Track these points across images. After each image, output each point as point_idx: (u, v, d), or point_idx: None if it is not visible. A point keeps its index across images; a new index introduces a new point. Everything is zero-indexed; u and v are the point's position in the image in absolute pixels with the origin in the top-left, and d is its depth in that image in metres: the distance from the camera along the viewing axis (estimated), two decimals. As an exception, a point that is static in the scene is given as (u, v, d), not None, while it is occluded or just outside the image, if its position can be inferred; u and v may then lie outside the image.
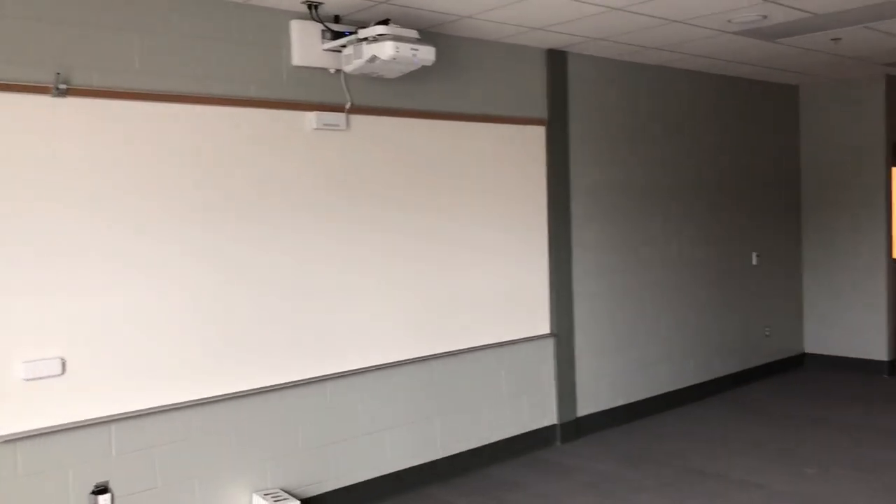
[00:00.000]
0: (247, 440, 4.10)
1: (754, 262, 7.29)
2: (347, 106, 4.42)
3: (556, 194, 5.55)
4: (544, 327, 5.52)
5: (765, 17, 4.82)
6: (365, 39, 4.01)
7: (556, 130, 5.56)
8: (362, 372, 4.54)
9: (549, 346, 5.56)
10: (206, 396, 3.93)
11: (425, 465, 4.87)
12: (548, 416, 5.57)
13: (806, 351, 7.85)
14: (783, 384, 7.17)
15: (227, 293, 3.99)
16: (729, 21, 4.92)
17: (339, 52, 4.25)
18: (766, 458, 5.17)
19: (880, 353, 7.35)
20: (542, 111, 5.49)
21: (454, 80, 4.98)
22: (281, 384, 4.19)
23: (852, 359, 7.51)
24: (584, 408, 5.79)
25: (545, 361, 5.54)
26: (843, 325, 7.57)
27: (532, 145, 5.43)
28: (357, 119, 4.50)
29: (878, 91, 7.25)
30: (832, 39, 5.56)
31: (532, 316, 5.44)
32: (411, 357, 4.76)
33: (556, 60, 5.56)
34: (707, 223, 6.79)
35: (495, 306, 5.21)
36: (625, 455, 5.33)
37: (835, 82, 7.48)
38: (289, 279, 4.21)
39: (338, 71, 4.35)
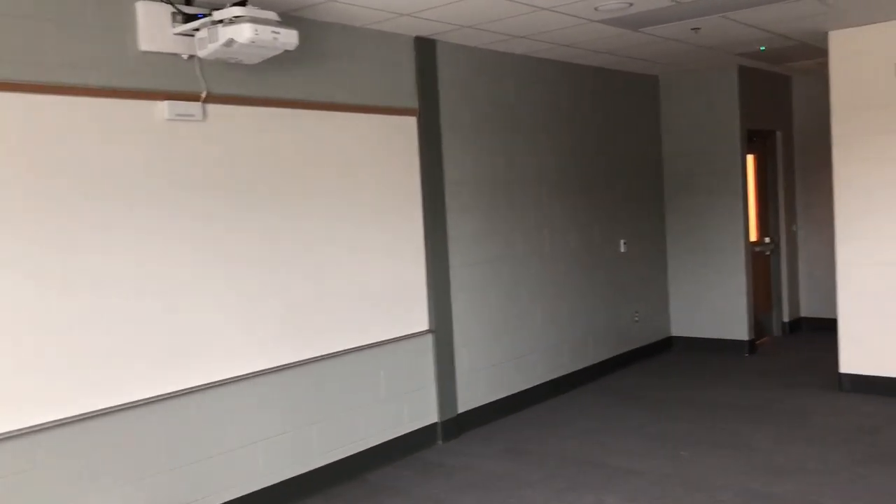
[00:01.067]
0: (103, 464, 3.69)
1: (622, 249, 7.43)
2: (203, 94, 4.07)
3: (431, 186, 5.40)
4: (422, 324, 5.36)
5: (630, 4, 4.84)
6: (220, 21, 3.69)
7: (428, 121, 5.41)
8: (227, 383, 4.21)
9: (428, 342, 5.41)
10: (51, 420, 3.50)
11: (303, 475, 4.60)
12: (429, 414, 5.42)
13: (673, 334, 8.11)
14: (653, 368, 7.36)
15: (69, 302, 3.58)
16: (595, 9, 4.91)
17: (192, 36, 3.90)
18: (643, 443, 5.23)
19: (742, 333, 7.68)
20: (412, 101, 5.32)
21: (321, 69, 4.72)
22: (140, 401, 3.82)
23: (716, 339, 7.81)
24: (465, 404, 5.69)
25: (424, 359, 5.39)
26: (707, 308, 7.86)
27: (404, 136, 5.25)
28: (215, 109, 4.16)
29: (731, 80, 7.55)
30: (692, 29, 5.68)
31: (409, 313, 5.27)
32: (281, 364, 4.47)
33: (425, 49, 5.40)
34: (576, 212, 6.85)
35: (371, 305, 5.00)
36: (507, 449, 5.26)
37: (692, 72, 7.73)
38: (134, 284, 3.83)
39: (192, 57, 3.99)
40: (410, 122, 5.29)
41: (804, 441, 5.09)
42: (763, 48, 6.63)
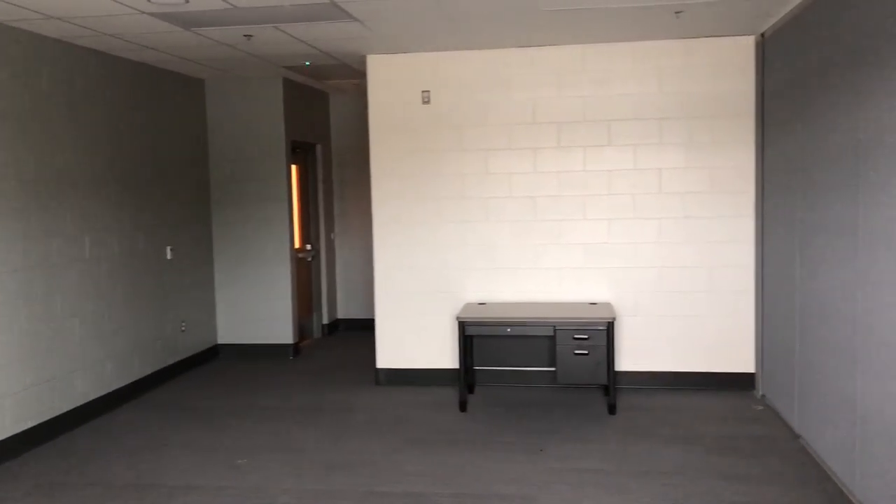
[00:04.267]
0: None
1: (169, 256, 7.09)
2: None
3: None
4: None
5: (186, 1, 4.64)
6: None
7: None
8: None
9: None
10: None
11: None
12: (-64, 456, 4.49)
13: (220, 342, 8.00)
14: (201, 378, 7.17)
15: None
16: (149, 0, 4.60)
17: None
18: (198, 457, 5.04)
19: (287, 337, 7.91)
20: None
21: None
22: None
23: (263, 345, 7.92)
24: (-15, 438, 4.85)
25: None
26: (254, 314, 7.93)
27: None
28: None
29: (277, 91, 7.75)
30: (245, 35, 5.68)
31: None
32: None
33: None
34: (121, 217, 6.34)
35: None
36: (37, 485, 4.61)
37: (239, 79, 7.74)
38: None
39: None
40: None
41: (352, 435, 5.42)
42: (308, 63, 6.94)
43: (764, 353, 6.00)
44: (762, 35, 5.91)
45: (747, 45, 6.12)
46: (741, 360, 6.30)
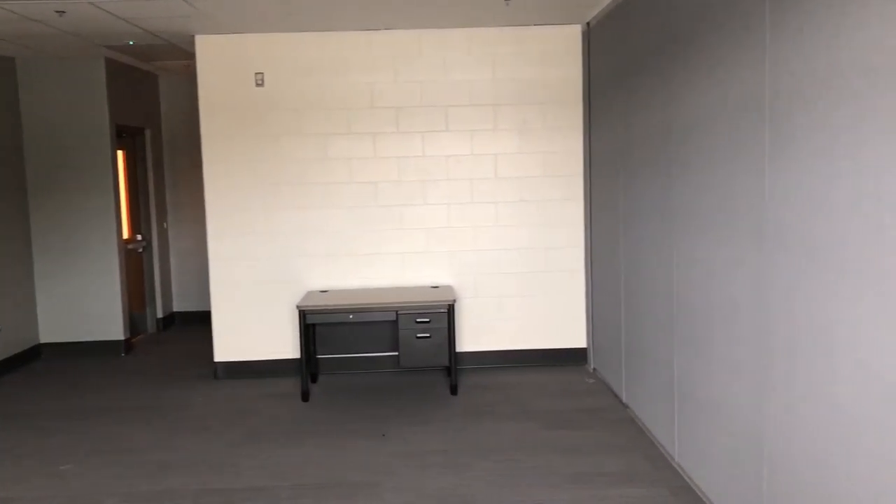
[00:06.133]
0: None
1: (-22, 250, 6.52)
2: None
3: None
4: None
5: (-15, -29, 4.24)
6: None
7: None
8: None
9: None
10: None
11: None
12: None
13: (42, 341, 7.45)
14: (20, 381, 6.65)
15: None
16: (-60, -32, 4.18)
17: None
18: (17, 466, 4.68)
19: (117, 333, 7.48)
20: None
21: None
22: None
23: (91, 343, 7.45)
24: None
25: None
26: (80, 311, 7.44)
27: None
28: None
29: (98, 72, 7.27)
30: (57, 11, 5.28)
31: None
32: None
33: None
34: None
35: None
36: None
37: (58, 59, 7.19)
38: None
39: None
40: None
41: (188, 432, 5.21)
42: (132, 42, 6.55)
43: (594, 329, 6.30)
44: (588, 24, 6.16)
45: (574, 33, 6.36)
46: (575, 336, 6.58)
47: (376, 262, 6.52)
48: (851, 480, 2.54)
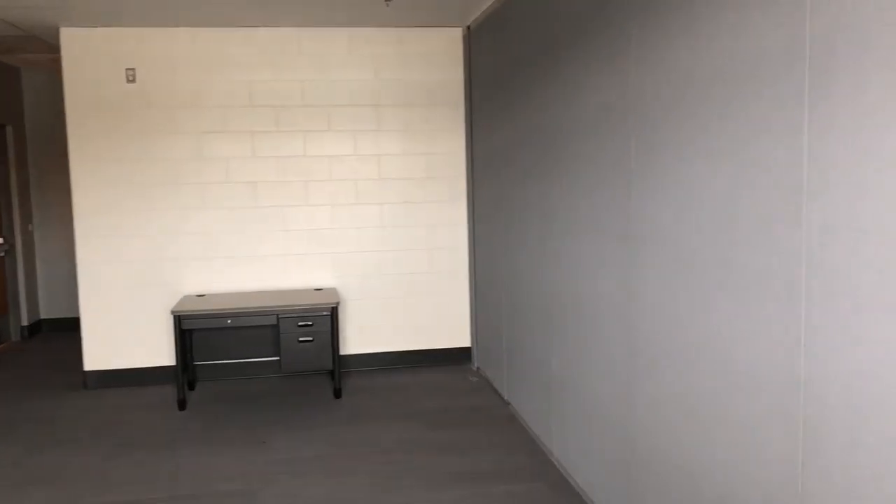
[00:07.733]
0: None
1: None
2: None
3: None
4: None
5: None
6: None
7: None
8: None
9: None
10: None
11: None
12: None
13: None
14: None
15: None
16: None
17: None
18: None
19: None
20: None
21: None
22: None
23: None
24: None
25: None
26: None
27: None
28: None
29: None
30: None
31: None
32: None
33: None
34: None
35: None
36: None
37: None
38: None
39: None
40: None
41: (53, 447, 4.92)
42: (-11, 33, 6.14)
43: (478, 329, 6.37)
44: (468, 27, 6.22)
45: (456, 36, 6.41)
46: (459, 336, 6.63)
47: (257, 265, 6.36)
48: (712, 476, 2.66)
